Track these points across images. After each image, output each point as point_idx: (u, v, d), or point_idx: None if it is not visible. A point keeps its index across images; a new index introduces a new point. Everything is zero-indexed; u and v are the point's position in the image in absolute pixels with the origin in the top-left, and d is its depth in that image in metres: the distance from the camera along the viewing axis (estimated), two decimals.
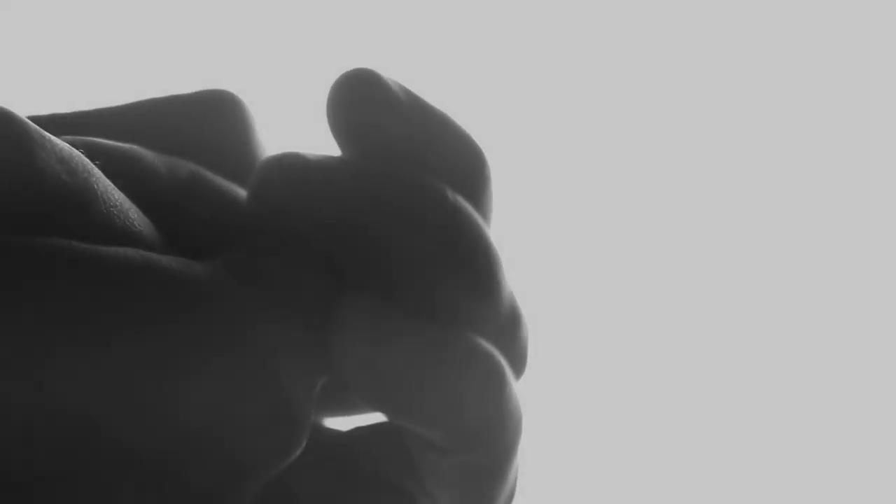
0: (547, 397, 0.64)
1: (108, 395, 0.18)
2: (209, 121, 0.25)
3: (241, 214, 0.23)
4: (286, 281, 0.21)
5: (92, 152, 0.20)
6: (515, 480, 0.25)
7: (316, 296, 0.21)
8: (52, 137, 0.19)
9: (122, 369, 0.18)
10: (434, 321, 0.22)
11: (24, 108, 0.24)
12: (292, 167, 0.22)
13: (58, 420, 0.18)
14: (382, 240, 0.22)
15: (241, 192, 0.24)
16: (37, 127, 0.19)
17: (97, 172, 0.20)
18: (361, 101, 0.23)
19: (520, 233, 0.62)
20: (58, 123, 0.24)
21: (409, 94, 0.23)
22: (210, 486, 0.19)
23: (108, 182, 0.20)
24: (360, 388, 0.22)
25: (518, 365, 0.24)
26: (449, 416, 0.22)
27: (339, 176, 0.22)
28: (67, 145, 0.19)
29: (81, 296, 0.18)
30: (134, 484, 0.18)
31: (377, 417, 0.25)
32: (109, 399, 0.18)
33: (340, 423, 0.27)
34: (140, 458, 0.18)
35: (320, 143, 0.24)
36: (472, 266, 0.23)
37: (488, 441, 0.23)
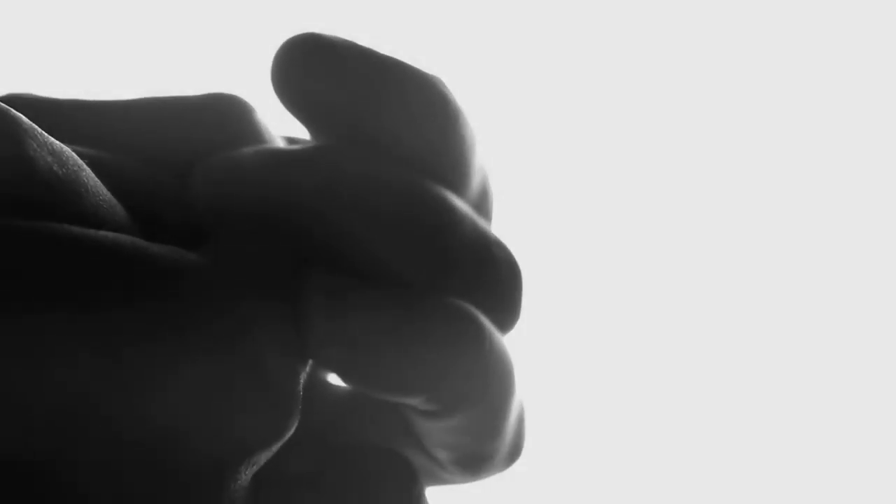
0: (548, 395, 0.64)
1: (96, 377, 0.18)
2: (219, 125, 0.24)
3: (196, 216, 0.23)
4: (260, 269, 0.21)
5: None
6: (518, 433, 0.24)
7: (287, 281, 0.21)
8: (43, 131, 0.20)
9: (112, 351, 0.18)
10: (396, 288, 0.21)
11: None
12: (216, 169, 0.22)
13: (52, 402, 0.18)
14: (313, 225, 0.22)
15: None
16: (28, 120, 0.19)
17: (86, 167, 0.20)
18: (303, 73, 0.22)
19: (519, 231, 0.62)
20: (54, 111, 0.24)
21: (354, 50, 0.22)
22: (202, 470, 0.19)
23: (95, 177, 0.20)
24: (332, 364, 0.21)
25: (504, 313, 0.23)
26: (426, 383, 0.21)
27: (254, 171, 0.22)
28: (56, 140, 0.20)
29: (76, 276, 0.18)
30: (129, 468, 0.18)
31: None
32: (98, 381, 0.18)
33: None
34: (132, 444, 0.18)
35: None
36: (413, 231, 0.22)
37: (474, 400, 0.22)
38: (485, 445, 0.23)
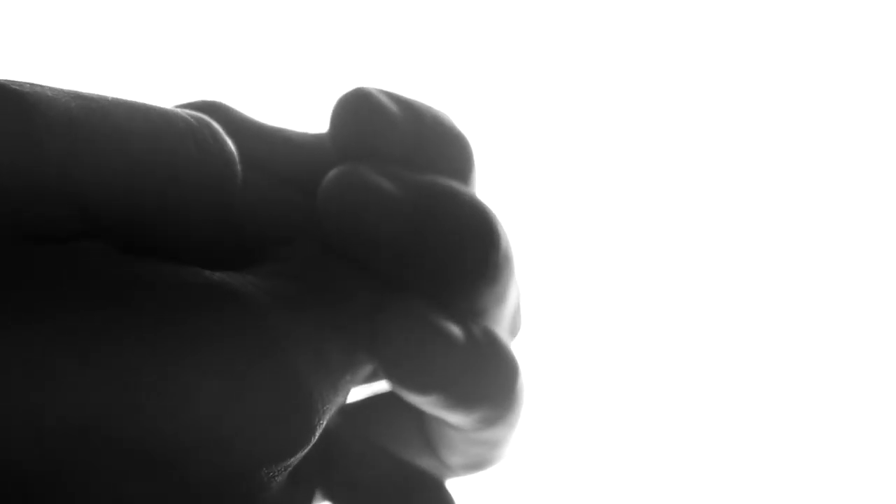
0: (548, 396, 0.65)
1: (118, 393, 0.18)
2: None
3: (298, 218, 0.25)
4: (331, 295, 0.23)
5: None
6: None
7: (359, 310, 0.24)
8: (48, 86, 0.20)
9: (141, 369, 0.19)
10: (469, 330, 0.25)
11: None
12: (357, 187, 0.24)
13: (69, 420, 0.18)
14: (434, 260, 0.25)
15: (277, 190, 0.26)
16: (29, 84, 0.20)
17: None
18: (360, 129, 0.25)
19: (521, 231, 0.62)
20: None
21: (402, 104, 0.26)
22: (219, 479, 0.19)
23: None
24: (406, 390, 0.25)
25: (517, 323, 0.28)
26: (482, 408, 0.25)
27: (399, 202, 0.24)
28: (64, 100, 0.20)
29: (106, 303, 0.19)
30: (139, 478, 0.19)
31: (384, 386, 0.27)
32: (119, 397, 0.18)
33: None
34: (147, 454, 0.19)
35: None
36: (498, 278, 0.26)
37: (501, 422, 0.26)
38: (496, 452, 0.28)
